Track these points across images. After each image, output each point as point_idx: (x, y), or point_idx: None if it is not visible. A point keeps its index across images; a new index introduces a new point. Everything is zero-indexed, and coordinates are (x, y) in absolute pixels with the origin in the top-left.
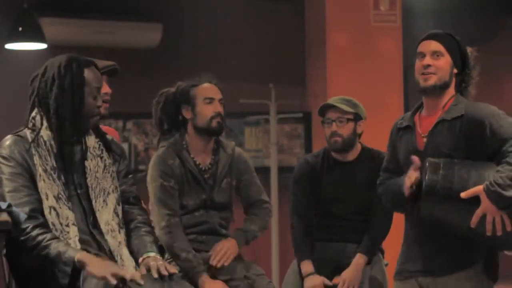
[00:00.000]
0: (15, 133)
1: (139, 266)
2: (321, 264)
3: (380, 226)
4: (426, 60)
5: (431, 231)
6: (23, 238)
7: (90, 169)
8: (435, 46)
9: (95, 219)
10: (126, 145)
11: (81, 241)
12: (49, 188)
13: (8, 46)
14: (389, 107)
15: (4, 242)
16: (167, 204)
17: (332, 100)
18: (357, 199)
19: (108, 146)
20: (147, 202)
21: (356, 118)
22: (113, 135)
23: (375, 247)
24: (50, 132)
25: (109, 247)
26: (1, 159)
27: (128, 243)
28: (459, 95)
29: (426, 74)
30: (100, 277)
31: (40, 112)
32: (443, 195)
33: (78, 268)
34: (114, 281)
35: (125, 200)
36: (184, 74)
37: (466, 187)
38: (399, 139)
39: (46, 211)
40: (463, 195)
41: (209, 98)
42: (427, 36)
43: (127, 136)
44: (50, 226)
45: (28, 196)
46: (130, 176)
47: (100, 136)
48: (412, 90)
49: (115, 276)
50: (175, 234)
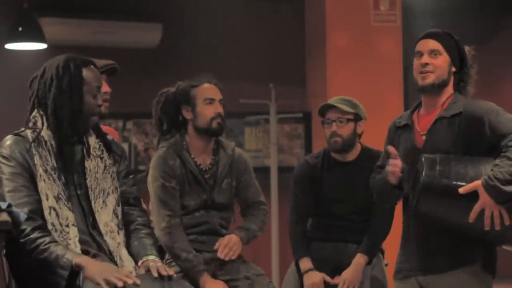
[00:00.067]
0: (16, 133)
1: (138, 268)
2: (321, 264)
3: (380, 226)
4: (424, 59)
5: (429, 229)
6: (22, 240)
7: (90, 169)
8: (433, 44)
9: (94, 220)
10: (126, 145)
11: (81, 241)
12: (49, 188)
13: (8, 46)
14: (389, 107)
15: (4, 242)
16: (168, 204)
17: (332, 101)
18: (357, 199)
19: (108, 147)
20: (147, 202)
21: (356, 118)
22: (113, 135)
23: (375, 247)
24: (50, 132)
25: (108, 247)
26: (1, 159)
27: (128, 245)
28: (457, 94)
29: (424, 73)
30: (96, 283)
31: (40, 112)
32: (440, 191)
33: (76, 271)
34: (107, 287)
35: (125, 201)
36: (184, 74)
37: (463, 183)
38: (398, 137)
39: (46, 212)
40: (461, 190)
41: (209, 98)
42: (425, 35)
43: (127, 136)
44: (50, 227)
45: (27, 196)
46: (131, 176)
47: (101, 136)
48: (412, 90)
49: (109, 283)
50: (175, 234)
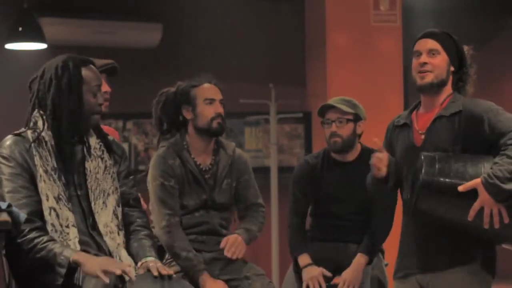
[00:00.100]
0: (16, 133)
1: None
2: (321, 264)
3: (380, 226)
4: (422, 58)
5: (429, 227)
6: (20, 240)
7: (90, 170)
8: (431, 44)
9: (94, 221)
10: (126, 145)
11: (80, 242)
12: (49, 189)
13: (8, 46)
14: (389, 107)
15: (4, 242)
16: (167, 203)
17: (331, 101)
18: (357, 199)
19: (109, 147)
20: (147, 201)
21: (356, 118)
22: (113, 135)
23: (375, 247)
24: (51, 133)
25: (108, 248)
26: (1, 159)
27: (127, 246)
28: (456, 93)
29: (422, 72)
30: (95, 276)
31: (40, 112)
32: (439, 189)
33: (74, 269)
34: (106, 279)
35: (125, 202)
36: (184, 74)
37: (463, 181)
38: (396, 136)
39: (46, 212)
40: (461, 188)
41: (209, 99)
42: (424, 35)
43: (127, 136)
44: (50, 227)
45: (26, 198)
46: (131, 177)
47: (101, 136)
48: (412, 90)
49: (107, 273)
50: (175, 233)
